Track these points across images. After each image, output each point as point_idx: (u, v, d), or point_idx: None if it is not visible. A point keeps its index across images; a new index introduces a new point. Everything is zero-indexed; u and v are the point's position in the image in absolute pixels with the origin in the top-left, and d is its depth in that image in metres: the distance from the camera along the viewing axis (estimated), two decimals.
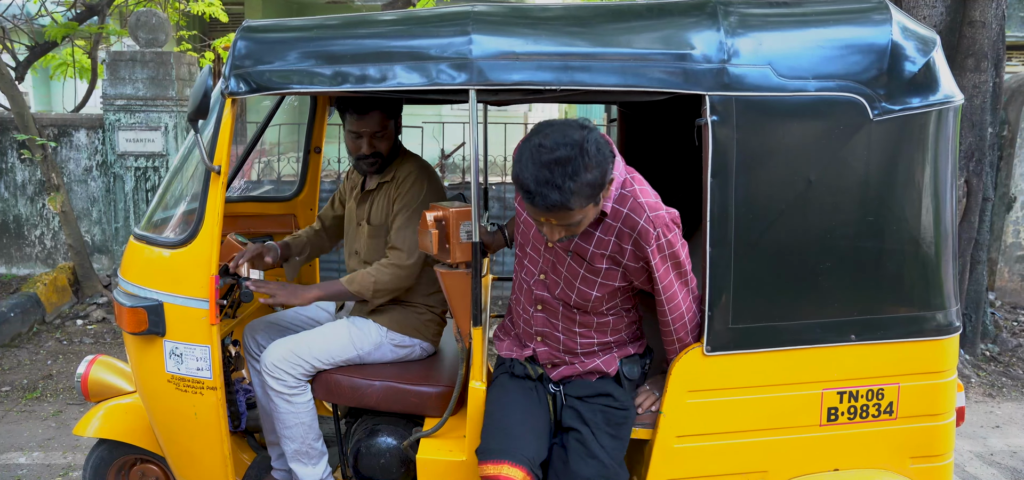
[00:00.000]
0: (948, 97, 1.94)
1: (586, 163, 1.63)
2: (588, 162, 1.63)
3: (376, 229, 2.47)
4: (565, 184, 1.62)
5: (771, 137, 1.88)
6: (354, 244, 2.56)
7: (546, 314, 2.00)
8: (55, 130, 5.99)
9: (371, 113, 2.38)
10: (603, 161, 1.67)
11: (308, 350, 2.33)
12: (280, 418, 2.33)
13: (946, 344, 2.03)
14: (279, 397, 2.31)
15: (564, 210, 1.66)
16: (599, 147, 1.67)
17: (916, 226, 1.95)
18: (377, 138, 2.41)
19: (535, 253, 1.99)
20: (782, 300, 1.96)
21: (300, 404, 2.33)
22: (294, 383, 2.31)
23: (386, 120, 2.41)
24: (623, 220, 1.82)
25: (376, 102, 2.37)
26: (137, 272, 2.19)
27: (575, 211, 1.68)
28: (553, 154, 1.63)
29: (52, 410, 4.07)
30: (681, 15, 1.92)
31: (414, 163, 2.47)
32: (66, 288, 5.76)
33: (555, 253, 1.93)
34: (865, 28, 1.89)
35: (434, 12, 1.98)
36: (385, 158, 2.45)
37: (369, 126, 2.39)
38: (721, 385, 1.99)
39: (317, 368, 2.34)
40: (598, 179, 1.67)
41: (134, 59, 5.68)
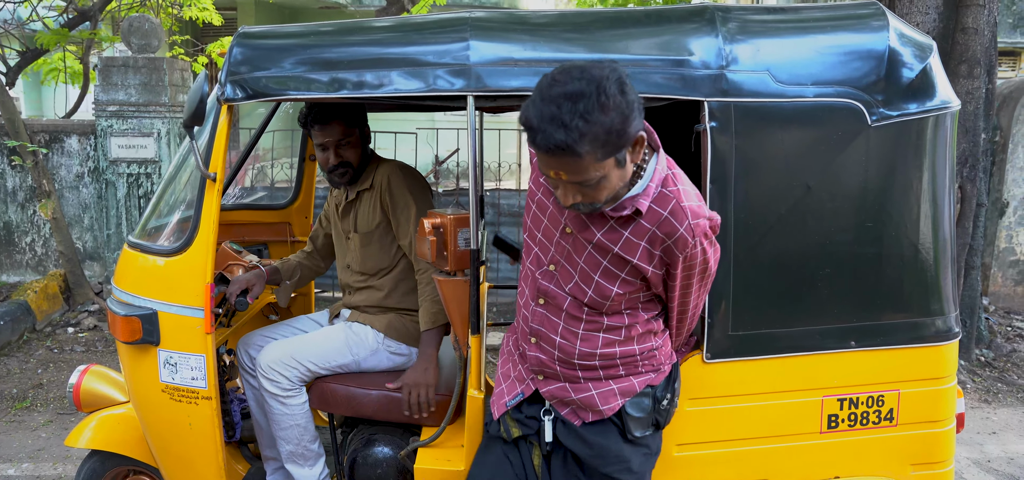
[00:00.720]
0: (945, 103, 1.94)
1: (603, 103, 1.35)
2: (605, 102, 1.35)
3: (365, 236, 2.45)
4: (573, 122, 1.34)
5: (770, 143, 1.87)
6: (345, 258, 2.55)
7: (547, 310, 1.71)
8: (46, 136, 5.94)
9: (332, 123, 2.37)
10: (627, 108, 1.38)
11: (304, 353, 2.31)
12: (275, 420, 2.31)
13: (946, 350, 2.03)
14: (274, 399, 2.29)
15: (571, 156, 1.37)
16: (625, 90, 1.38)
17: (915, 232, 1.95)
18: (343, 147, 2.40)
19: (546, 240, 1.71)
20: (782, 307, 1.95)
21: (295, 406, 2.31)
22: (289, 386, 2.29)
23: (348, 129, 2.40)
24: (660, 223, 1.55)
25: (336, 111, 2.36)
26: (131, 280, 2.16)
27: (585, 159, 1.38)
28: (565, 87, 1.36)
29: (42, 420, 4.02)
30: (679, 21, 1.91)
31: (389, 166, 2.46)
32: (57, 296, 5.71)
33: (573, 241, 1.65)
34: (863, 34, 1.89)
35: (432, 18, 1.97)
36: (356, 167, 2.44)
37: (332, 135, 2.38)
38: (721, 393, 1.98)
39: (312, 372, 2.32)
40: (617, 126, 1.37)
41: (127, 65, 5.65)
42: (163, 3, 7.37)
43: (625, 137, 1.40)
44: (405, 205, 2.37)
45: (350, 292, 2.54)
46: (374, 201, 2.43)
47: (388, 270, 2.47)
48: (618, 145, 1.39)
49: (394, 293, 2.46)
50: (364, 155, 2.48)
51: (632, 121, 1.40)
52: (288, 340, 2.38)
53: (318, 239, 2.75)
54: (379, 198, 2.42)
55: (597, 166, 1.41)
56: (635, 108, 1.40)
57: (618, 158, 1.42)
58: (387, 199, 2.40)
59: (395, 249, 2.46)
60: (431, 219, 1.96)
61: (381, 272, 2.47)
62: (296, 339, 2.38)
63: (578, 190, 1.47)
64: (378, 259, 2.45)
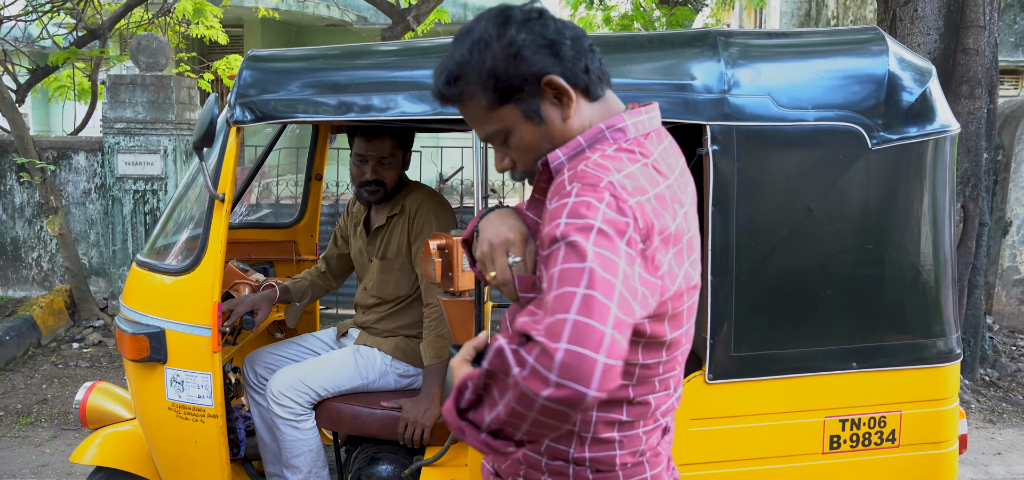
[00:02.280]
0: (944, 126, 1.96)
1: (481, 38, 1.14)
2: (483, 37, 1.14)
3: (388, 263, 2.43)
4: (448, 62, 1.17)
5: (771, 166, 1.89)
6: (364, 280, 2.55)
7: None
8: (54, 153, 6.00)
9: (382, 138, 2.33)
10: (513, 46, 1.13)
11: (314, 378, 2.32)
12: (287, 446, 2.32)
13: (947, 371, 2.04)
14: (286, 424, 2.30)
15: (459, 102, 1.18)
16: (510, 25, 1.14)
17: (915, 254, 1.97)
18: (384, 165, 2.37)
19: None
20: (783, 328, 1.97)
21: (306, 430, 2.32)
22: (300, 410, 2.30)
23: (396, 148, 2.37)
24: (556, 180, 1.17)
25: (388, 127, 2.32)
26: (139, 299, 2.18)
27: (472, 104, 1.17)
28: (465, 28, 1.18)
29: (47, 436, 4.03)
30: (682, 46, 1.94)
31: (422, 194, 2.42)
32: (62, 311, 5.74)
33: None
34: (863, 59, 1.92)
35: (439, 43, 2.00)
36: (389, 189, 2.40)
37: (378, 151, 2.34)
38: (723, 413, 1.99)
39: (322, 396, 2.33)
40: (500, 64, 1.14)
41: (134, 82, 5.71)
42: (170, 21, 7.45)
43: (515, 77, 1.14)
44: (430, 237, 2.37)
45: (362, 311, 2.55)
46: (404, 227, 2.40)
47: (405, 299, 2.45)
48: (509, 88, 1.14)
49: (406, 318, 2.45)
50: (400, 178, 2.44)
51: (523, 57, 1.13)
52: (298, 365, 2.38)
53: (332, 259, 2.72)
54: (408, 224, 2.39)
55: (489, 115, 1.17)
56: (530, 47, 1.13)
57: (525, 109, 1.16)
58: (415, 226, 2.37)
59: (414, 278, 2.42)
60: (436, 240, 1.98)
61: (398, 300, 2.46)
62: (306, 364, 2.38)
63: (500, 150, 1.24)
64: (396, 287, 2.44)
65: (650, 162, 1.15)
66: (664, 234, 1.10)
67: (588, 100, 1.20)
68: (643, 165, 1.13)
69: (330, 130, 3.05)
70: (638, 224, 1.05)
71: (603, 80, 1.22)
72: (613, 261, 0.99)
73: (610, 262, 0.99)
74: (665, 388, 1.26)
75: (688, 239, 1.20)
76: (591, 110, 1.21)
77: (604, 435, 1.20)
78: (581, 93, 1.19)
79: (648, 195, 1.09)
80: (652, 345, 1.19)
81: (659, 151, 1.20)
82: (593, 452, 1.20)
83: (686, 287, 1.20)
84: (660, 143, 1.23)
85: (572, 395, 0.92)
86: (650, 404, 1.23)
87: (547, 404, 0.94)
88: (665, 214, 1.12)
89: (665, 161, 1.20)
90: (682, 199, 1.20)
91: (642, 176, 1.11)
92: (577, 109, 1.19)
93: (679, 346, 1.24)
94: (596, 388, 0.92)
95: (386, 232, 2.45)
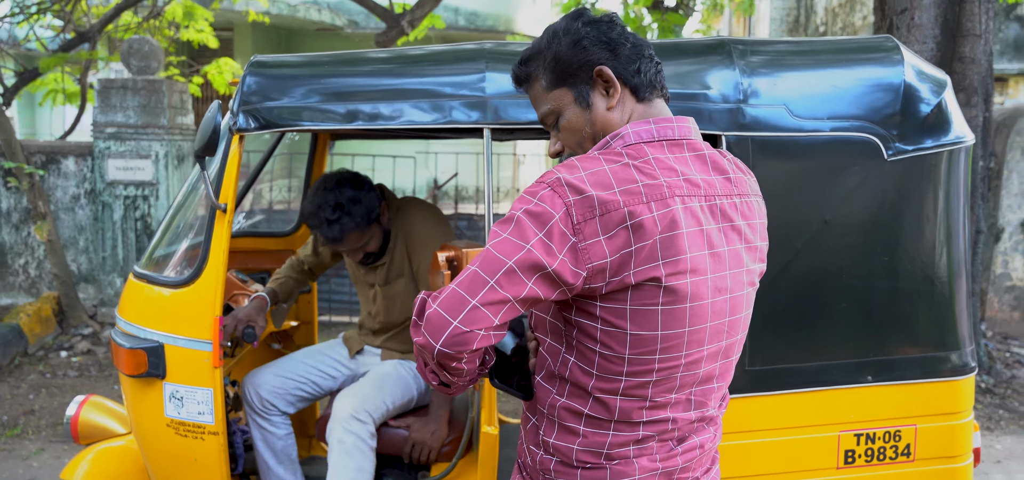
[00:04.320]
0: (959, 138, 1.94)
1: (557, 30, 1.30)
2: (559, 29, 1.30)
3: (390, 289, 2.43)
4: (530, 50, 1.33)
5: (786, 177, 1.87)
6: (368, 305, 2.51)
7: None
8: (43, 157, 5.89)
9: (346, 238, 2.30)
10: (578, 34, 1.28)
11: (380, 398, 2.26)
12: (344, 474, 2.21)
13: (962, 384, 2.02)
14: (357, 451, 2.19)
15: (526, 82, 1.33)
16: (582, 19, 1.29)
17: (930, 266, 1.95)
18: (365, 246, 2.37)
19: None
20: (798, 341, 1.94)
21: (371, 451, 2.24)
22: (372, 429, 2.24)
23: (362, 234, 2.33)
24: None
25: (342, 228, 2.28)
26: (136, 312, 2.12)
27: (535, 85, 1.31)
28: None
29: (34, 448, 3.94)
30: (696, 55, 1.92)
31: (412, 209, 2.40)
32: (50, 318, 5.63)
33: None
34: (879, 69, 1.90)
35: (448, 49, 1.96)
36: (379, 246, 2.41)
37: (351, 245, 2.34)
38: (738, 428, 1.95)
39: (388, 412, 2.29)
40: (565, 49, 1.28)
41: (125, 86, 5.62)
42: (160, 24, 7.36)
43: (573, 62, 1.26)
44: (427, 254, 2.34)
45: (370, 333, 2.51)
46: (402, 247, 2.39)
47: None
48: (566, 71, 1.26)
49: None
50: (384, 231, 2.43)
51: (583, 47, 1.25)
52: (356, 389, 2.29)
53: (309, 261, 2.66)
54: (405, 243, 2.38)
55: (546, 94, 1.29)
56: (591, 39, 1.25)
57: (576, 94, 1.26)
58: (413, 243, 2.36)
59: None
60: (445, 252, 1.94)
61: (407, 321, 2.44)
62: (364, 385, 2.31)
63: (553, 134, 1.34)
64: (403, 310, 2.43)
65: (635, 163, 1.18)
66: (636, 219, 1.13)
67: (635, 99, 1.27)
68: (622, 164, 1.17)
69: (330, 137, 3.00)
70: (573, 216, 1.12)
71: (655, 87, 1.28)
72: (517, 248, 1.12)
73: (511, 250, 1.12)
74: (648, 401, 1.22)
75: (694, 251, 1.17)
76: (636, 109, 1.27)
77: (569, 424, 1.25)
78: (629, 91, 1.26)
79: (614, 189, 1.14)
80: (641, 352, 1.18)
81: (658, 156, 1.20)
82: (557, 439, 1.26)
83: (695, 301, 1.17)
84: (674, 152, 1.22)
85: (424, 343, 1.14)
86: (612, 408, 1.22)
87: (417, 350, 1.17)
88: (642, 205, 1.14)
89: (665, 166, 1.19)
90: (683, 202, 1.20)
91: (615, 174, 1.16)
92: (621, 102, 1.26)
93: (679, 366, 1.21)
94: (442, 345, 1.12)
95: (385, 260, 2.43)
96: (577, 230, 1.12)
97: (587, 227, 1.13)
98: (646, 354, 1.18)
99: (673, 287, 1.15)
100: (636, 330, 1.16)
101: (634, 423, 1.23)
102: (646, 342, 1.17)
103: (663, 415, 1.24)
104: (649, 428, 1.24)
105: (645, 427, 1.24)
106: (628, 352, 1.18)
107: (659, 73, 1.29)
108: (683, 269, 1.15)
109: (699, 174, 1.22)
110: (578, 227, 1.12)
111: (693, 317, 1.19)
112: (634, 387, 1.20)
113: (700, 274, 1.17)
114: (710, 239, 1.19)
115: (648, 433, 1.24)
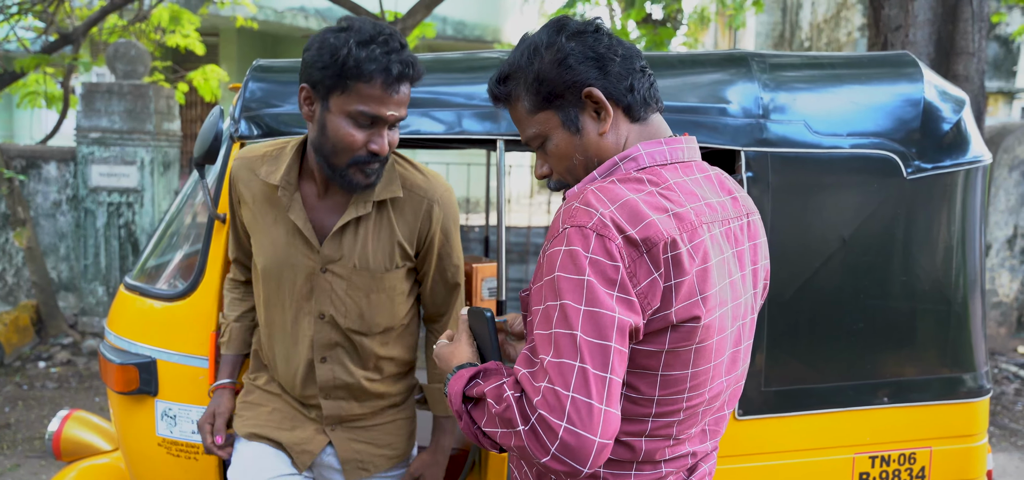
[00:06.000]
0: (978, 157, 1.92)
1: (538, 43, 1.17)
2: (541, 43, 1.16)
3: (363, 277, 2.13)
4: (511, 54, 1.20)
5: (805, 194, 1.83)
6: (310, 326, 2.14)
7: None
8: (23, 162, 5.74)
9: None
10: (563, 52, 1.14)
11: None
12: None
13: (977, 406, 1.99)
14: None
15: (507, 101, 1.21)
16: (565, 34, 1.16)
17: (948, 287, 1.92)
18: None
19: None
20: (814, 361, 1.90)
21: None
22: None
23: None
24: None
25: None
26: (127, 325, 2.03)
27: (518, 105, 1.19)
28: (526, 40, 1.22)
29: (9, 464, 3.79)
30: (715, 68, 1.88)
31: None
32: (28, 328, 5.46)
33: None
34: (899, 86, 1.87)
35: (460, 57, 1.91)
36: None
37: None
38: (753, 450, 1.91)
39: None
40: (546, 69, 1.15)
41: (111, 91, 5.50)
42: (146, 28, 7.23)
43: (558, 84, 1.14)
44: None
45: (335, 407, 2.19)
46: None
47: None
48: (551, 93, 1.15)
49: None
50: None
51: (569, 65, 1.13)
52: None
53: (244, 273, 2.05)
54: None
55: (530, 118, 1.18)
56: (577, 56, 1.13)
57: (564, 118, 1.15)
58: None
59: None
60: None
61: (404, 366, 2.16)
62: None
63: (540, 156, 1.24)
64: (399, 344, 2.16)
65: (659, 190, 1.10)
66: (675, 252, 1.05)
67: (629, 120, 1.17)
68: (648, 192, 1.09)
69: None
70: (625, 261, 1.03)
71: (650, 103, 1.18)
72: (604, 319, 1.00)
73: (601, 324, 1.00)
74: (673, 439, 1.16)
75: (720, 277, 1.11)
76: (631, 130, 1.17)
77: None
78: (622, 111, 1.16)
79: (649, 218, 1.05)
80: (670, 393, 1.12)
81: (678, 181, 1.13)
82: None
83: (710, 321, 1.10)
84: (687, 175, 1.16)
85: (569, 471, 0.99)
86: (638, 450, 1.15)
87: (541, 466, 1.00)
88: (678, 237, 1.06)
89: (687, 191, 1.12)
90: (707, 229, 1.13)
91: (646, 203, 1.06)
92: (615, 126, 1.16)
93: (703, 401, 1.15)
94: (590, 466, 0.98)
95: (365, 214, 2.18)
96: (631, 275, 1.03)
97: (639, 269, 1.03)
98: (675, 394, 1.12)
99: (708, 324, 1.09)
100: (667, 370, 1.10)
101: (656, 462, 1.17)
102: (676, 382, 1.11)
103: (683, 450, 1.20)
104: (670, 465, 1.19)
105: (667, 464, 1.19)
106: (657, 393, 1.11)
107: (653, 86, 1.19)
108: (714, 304, 1.10)
109: (714, 197, 1.17)
110: (632, 272, 1.03)
111: (717, 350, 1.14)
112: (660, 427, 1.14)
113: (723, 306, 1.13)
114: (728, 267, 1.15)
115: (669, 470, 1.19)
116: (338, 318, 1.60)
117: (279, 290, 1.62)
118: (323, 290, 1.59)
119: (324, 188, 1.58)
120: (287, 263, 1.60)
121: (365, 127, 1.45)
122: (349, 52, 1.39)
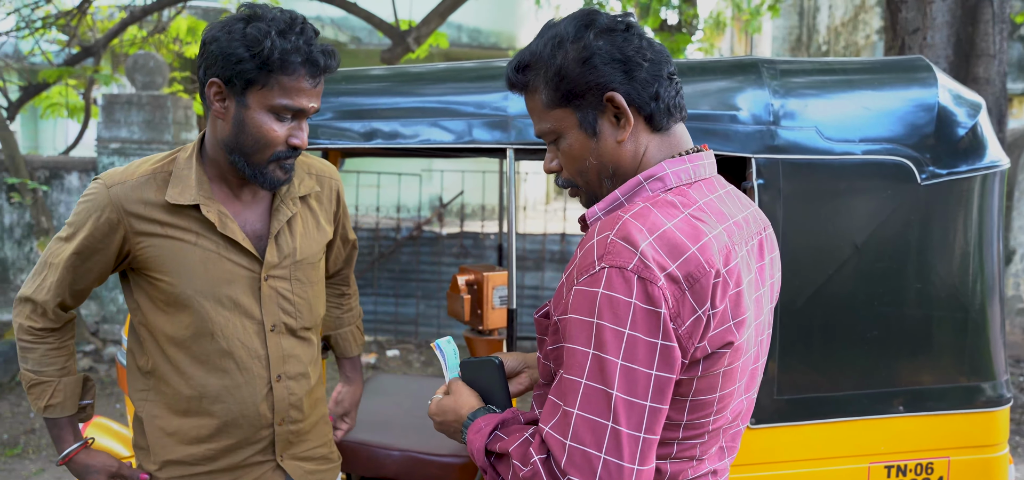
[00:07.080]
0: (994, 162, 1.90)
1: (562, 36, 1.10)
2: (565, 36, 1.10)
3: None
4: (533, 42, 1.14)
5: (817, 201, 1.82)
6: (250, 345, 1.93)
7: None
8: (46, 172, 5.85)
9: None
10: (587, 50, 1.08)
11: None
12: None
13: (997, 416, 1.96)
14: None
15: (523, 89, 1.16)
16: (593, 30, 1.09)
17: (964, 294, 1.89)
18: None
19: None
20: (828, 369, 1.88)
21: None
22: None
23: None
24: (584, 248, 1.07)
25: None
26: None
27: (535, 97, 1.13)
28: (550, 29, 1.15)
29: (34, 469, 3.86)
30: (725, 75, 1.87)
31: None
32: None
33: None
34: (912, 91, 1.85)
35: (470, 67, 1.92)
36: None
37: None
38: (766, 459, 1.89)
39: None
40: (569, 65, 1.09)
41: (130, 102, 5.59)
42: (165, 40, 7.35)
43: (580, 83, 1.08)
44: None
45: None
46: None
47: None
48: (571, 91, 1.09)
49: None
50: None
51: (593, 65, 1.07)
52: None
53: None
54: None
55: (546, 112, 1.13)
56: (603, 56, 1.07)
57: (581, 118, 1.10)
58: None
59: None
60: (465, 275, 1.89)
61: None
62: None
63: (551, 150, 1.19)
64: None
65: (691, 212, 1.05)
66: (716, 280, 1.01)
67: (650, 129, 1.12)
68: (682, 217, 1.04)
69: (341, 155, 2.95)
70: (668, 303, 0.98)
71: (674, 114, 1.12)
72: (643, 378, 0.97)
73: (639, 383, 0.97)
74: (697, 458, 1.14)
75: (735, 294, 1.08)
76: (651, 141, 1.12)
77: None
78: (643, 120, 1.11)
79: (690, 250, 1.00)
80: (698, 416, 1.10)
81: (706, 201, 1.10)
82: None
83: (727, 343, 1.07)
84: (712, 193, 1.13)
85: None
86: (664, 472, 1.13)
87: None
88: (716, 264, 1.02)
89: (715, 210, 1.10)
90: (737, 250, 1.10)
91: (681, 230, 1.02)
92: (634, 135, 1.11)
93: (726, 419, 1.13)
94: None
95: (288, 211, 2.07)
96: (675, 316, 0.98)
97: (684, 309, 0.99)
98: (703, 417, 1.10)
99: (738, 346, 1.06)
100: (697, 396, 1.07)
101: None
102: (705, 406, 1.09)
103: (705, 469, 1.17)
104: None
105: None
106: (686, 418, 1.08)
107: (679, 95, 1.13)
108: (744, 326, 1.07)
109: (739, 213, 1.15)
110: (676, 312, 0.98)
111: (742, 370, 1.12)
112: (686, 449, 1.12)
113: (751, 325, 1.10)
114: (755, 284, 1.13)
115: None
116: (290, 322, 1.51)
117: (214, 316, 1.44)
118: (269, 299, 1.48)
119: (238, 190, 1.47)
120: (222, 281, 1.44)
121: (286, 121, 1.37)
122: (272, 44, 1.30)
